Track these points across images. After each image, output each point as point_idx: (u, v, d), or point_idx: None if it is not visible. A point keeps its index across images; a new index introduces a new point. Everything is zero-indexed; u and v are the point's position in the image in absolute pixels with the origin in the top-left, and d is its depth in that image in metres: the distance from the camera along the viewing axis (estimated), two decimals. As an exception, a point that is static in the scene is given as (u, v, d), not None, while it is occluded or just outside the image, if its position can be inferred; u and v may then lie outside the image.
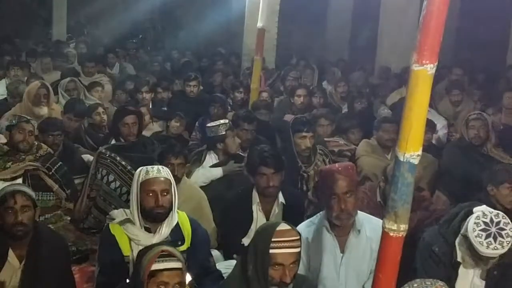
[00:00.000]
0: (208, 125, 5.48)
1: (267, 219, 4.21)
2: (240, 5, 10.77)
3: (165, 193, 3.47)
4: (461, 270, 3.48)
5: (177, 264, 2.81)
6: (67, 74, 7.92)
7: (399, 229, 2.54)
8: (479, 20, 13.48)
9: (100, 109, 6.39)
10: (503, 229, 3.25)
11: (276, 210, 4.28)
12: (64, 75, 8.05)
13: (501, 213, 3.36)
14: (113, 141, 5.40)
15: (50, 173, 4.91)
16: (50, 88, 6.37)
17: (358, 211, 3.56)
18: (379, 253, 2.63)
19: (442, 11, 2.37)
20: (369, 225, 3.53)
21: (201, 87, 8.08)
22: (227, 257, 4.19)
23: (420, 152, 2.51)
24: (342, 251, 3.52)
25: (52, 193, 4.90)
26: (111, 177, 4.97)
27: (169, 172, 3.60)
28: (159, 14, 17.51)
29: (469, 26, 13.67)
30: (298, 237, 2.91)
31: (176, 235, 3.55)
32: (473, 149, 5.39)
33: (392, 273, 2.59)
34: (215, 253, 4.16)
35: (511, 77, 10.19)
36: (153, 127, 7.04)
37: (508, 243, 3.25)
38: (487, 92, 8.93)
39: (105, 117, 6.38)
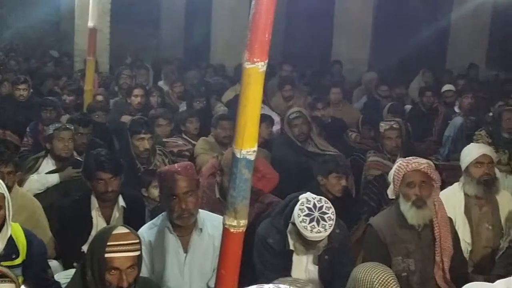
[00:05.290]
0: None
1: (108, 223, 4.10)
2: (70, 4, 10.40)
3: None
4: (295, 257, 3.65)
5: (11, 286, 2.67)
6: None
7: (239, 224, 2.58)
8: (302, 19, 14.17)
9: None
10: (325, 213, 3.47)
11: (116, 214, 4.19)
12: None
13: (323, 198, 3.57)
14: None
15: None
16: None
17: (200, 209, 3.58)
18: (221, 250, 2.66)
19: (270, 11, 2.43)
20: (210, 222, 3.55)
21: (31, 90, 7.70)
22: (66, 266, 4.03)
23: (256, 148, 2.56)
24: (186, 251, 3.52)
25: None
26: None
27: (2, 184, 3.36)
28: (-21, 14, 16.40)
29: (296, 26, 14.32)
30: (136, 241, 2.87)
31: (10, 248, 3.36)
32: (298, 146, 5.57)
33: (234, 269, 2.64)
34: (53, 263, 3.99)
35: (335, 72, 10.84)
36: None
37: (330, 226, 3.47)
38: (315, 87, 9.39)
39: None
